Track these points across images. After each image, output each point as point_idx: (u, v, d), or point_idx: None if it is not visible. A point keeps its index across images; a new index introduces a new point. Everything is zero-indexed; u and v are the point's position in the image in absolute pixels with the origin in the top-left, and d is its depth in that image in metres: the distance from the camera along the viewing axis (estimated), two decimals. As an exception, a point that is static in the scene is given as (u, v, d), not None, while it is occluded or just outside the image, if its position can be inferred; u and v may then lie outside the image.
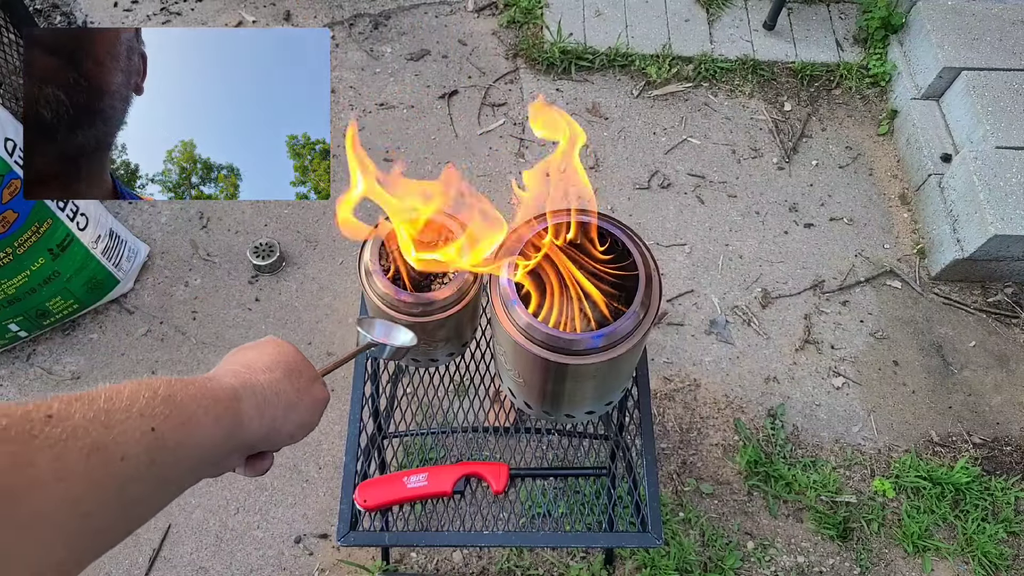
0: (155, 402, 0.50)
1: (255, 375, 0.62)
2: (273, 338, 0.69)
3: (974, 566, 1.85)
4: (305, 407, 0.66)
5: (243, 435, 0.58)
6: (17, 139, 1.66)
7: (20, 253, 1.75)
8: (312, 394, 0.67)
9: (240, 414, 0.57)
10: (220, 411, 0.55)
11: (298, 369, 0.66)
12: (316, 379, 0.69)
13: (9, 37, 1.95)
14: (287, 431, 0.64)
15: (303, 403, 0.65)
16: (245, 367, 0.63)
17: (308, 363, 0.69)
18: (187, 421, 0.51)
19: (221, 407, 0.55)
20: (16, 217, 1.69)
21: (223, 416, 0.55)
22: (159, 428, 0.49)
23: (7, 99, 1.94)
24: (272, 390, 0.62)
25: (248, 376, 0.61)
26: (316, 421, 0.68)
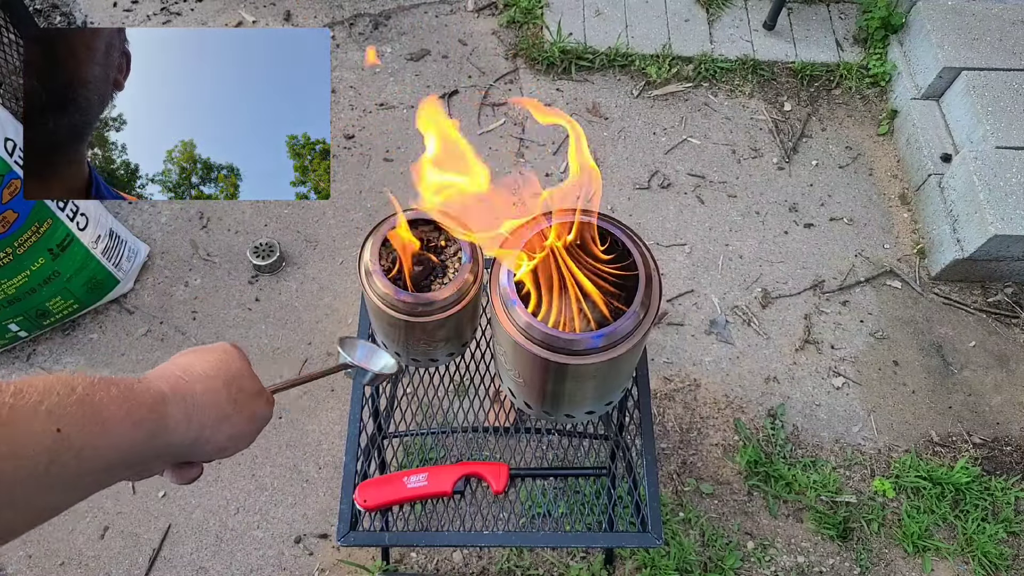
0: (68, 401, 0.48)
1: (190, 381, 0.60)
2: (225, 345, 0.67)
3: (974, 566, 1.85)
4: (240, 420, 0.63)
5: (166, 441, 0.56)
6: (17, 139, 1.66)
7: (20, 253, 1.75)
8: (250, 408, 0.65)
9: (164, 419, 0.55)
10: (142, 415, 0.53)
11: (240, 380, 0.64)
12: (259, 394, 0.67)
13: (9, 37, 1.95)
14: (217, 442, 0.62)
15: (238, 416, 0.63)
16: (182, 371, 0.61)
17: (253, 376, 0.67)
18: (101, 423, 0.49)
19: (143, 410, 0.54)
20: (16, 217, 1.69)
21: (144, 420, 0.53)
22: (66, 429, 0.47)
23: (7, 99, 1.94)
24: (205, 399, 0.60)
25: (182, 381, 0.59)
26: (251, 436, 0.66)
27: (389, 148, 2.46)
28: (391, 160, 2.43)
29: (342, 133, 2.47)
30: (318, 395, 2.01)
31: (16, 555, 1.79)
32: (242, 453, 1.93)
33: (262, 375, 0.69)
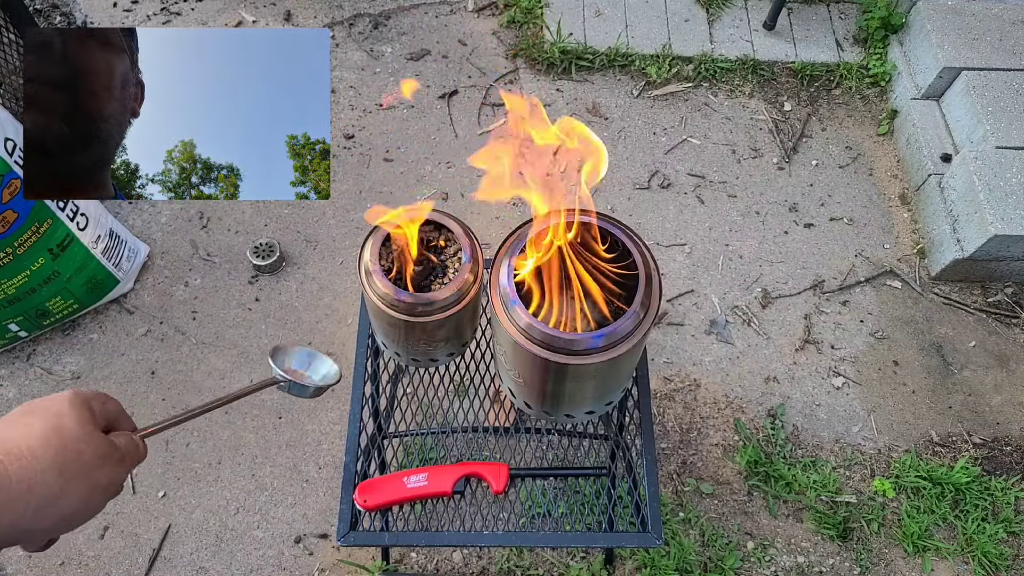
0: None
1: (7, 461, 0.52)
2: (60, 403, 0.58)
3: (974, 566, 1.85)
4: (75, 499, 0.56)
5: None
6: (17, 139, 1.66)
7: (20, 253, 1.75)
8: (88, 481, 0.57)
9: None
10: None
11: (75, 450, 0.56)
12: (101, 460, 0.58)
13: (9, 37, 1.95)
14: (42, 527, 0.55)
15: (70, 495, 0.55)
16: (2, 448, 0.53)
17: (94, 437, 0.58)
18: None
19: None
20: (16, 217, 1.69)
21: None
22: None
23: (7, 99, 1.94)
24: (24, 483, 0.52)
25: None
26: (94, 509, 0.58)
27: (389, 148, 2.46)
28: (391, 160, 2.43)
29: (342, 133, 2.47)
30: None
31: (16, 555, 1.79)
32: (242, 453, 1.93)
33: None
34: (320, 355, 0.78)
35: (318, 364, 0.77)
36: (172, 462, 1.92)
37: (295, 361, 0.76)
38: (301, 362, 0.76)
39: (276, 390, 0.73)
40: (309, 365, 0.77)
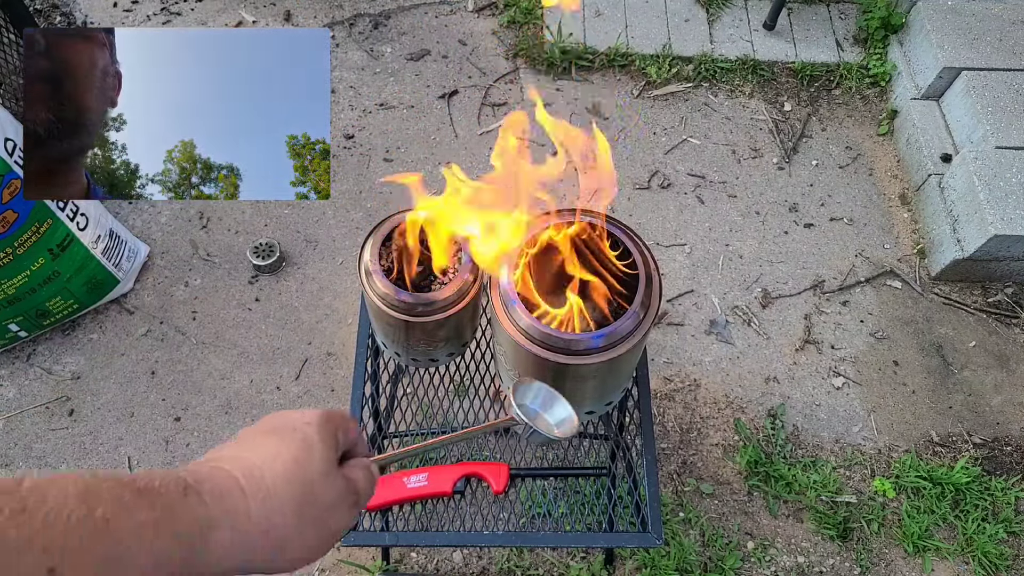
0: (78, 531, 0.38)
1: (250, 497, 0.48)
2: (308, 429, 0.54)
3: (974, 566, 1.85)
4: (303, 545, 0.51)
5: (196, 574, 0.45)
6: (17, 139, 1.66)
7: (20, 253, 1.75)
8: (323, 528, 0.53)
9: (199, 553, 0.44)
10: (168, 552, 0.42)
11: (315, 493, 0.52)
12: (336, 505, 0.54)
13: (9, 37, 1.95)
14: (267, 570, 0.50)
15: (302, 540, 0.51)
16: (247, 478, 0.49)
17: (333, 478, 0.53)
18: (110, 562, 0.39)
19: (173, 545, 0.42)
20: (16, 217, 1.69)
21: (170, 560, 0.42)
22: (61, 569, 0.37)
23: (7, 99, 1.94)
24: (262, 525, 0.48)
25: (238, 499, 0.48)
26: (317, 557, 0.53)
27: (389, 148, 2.46)
28: (391, 160, 2.43)
29: (342, 133, 2.47)
30: (318, 395, 2.01)
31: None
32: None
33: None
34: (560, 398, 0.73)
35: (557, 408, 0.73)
36: (172, 463, 1.92)
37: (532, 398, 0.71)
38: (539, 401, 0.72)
39: None
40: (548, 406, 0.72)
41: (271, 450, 0.52)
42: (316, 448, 0.53)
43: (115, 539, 0.39)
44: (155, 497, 0.43)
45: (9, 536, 0.36)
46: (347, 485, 0.55)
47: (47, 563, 0.37)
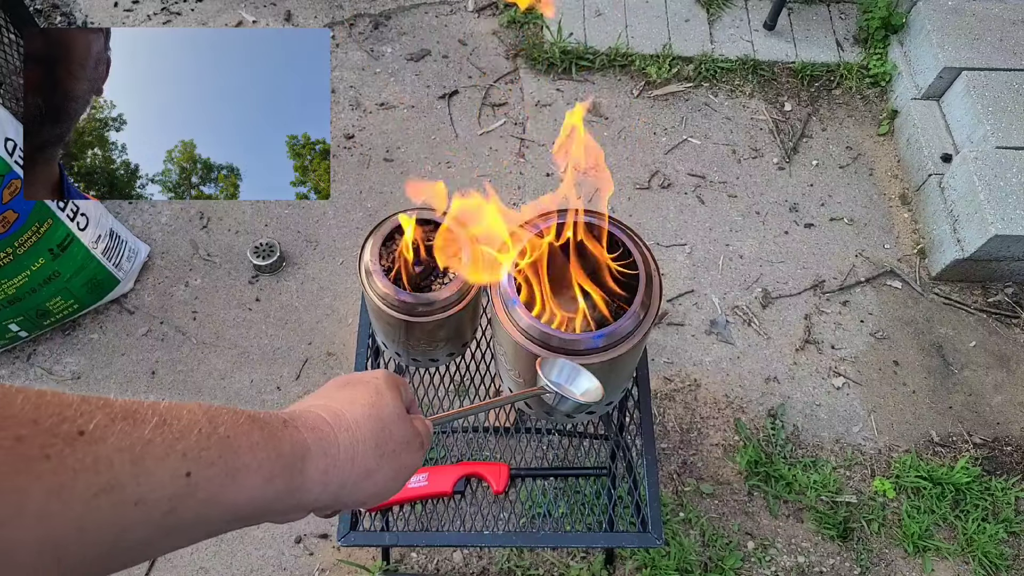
0: (207, 442, 0.43)
1: (336, 430, 0.54)
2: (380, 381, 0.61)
3: (974, 566, 1.85)
4: (384, 477, 0.57)
5: (296, 501, 0.51)
6: (17, 139, 1.66)
7: (20, 253, 1.75)
8: (397, 461, 0.59)
9: (300, 476, 0.50)
10: (276, 470, 0.48)
11: (390, 430, 0.58)
12: (410, 443, 0.60)
13: (9, 37, 1.96)
14: (355, 499, 0.57)
15: (382, 472, 0.57)
16: (331, 415, 0.55)
17: (404, 420, 0.60)
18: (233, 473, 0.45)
19: (279, 465, 0.48)
20: (16, 217, 1.69)
21: (277, 477, 0.48)
22: (196, 475, 0.42)
23: (7, 99, 1.94)
24: (349, 452, 0.54)
25: (328, 430, 0.54)
26: (396, 488, 0.60)
27: (389, 148, 2.46)
28: (391, 160, 2.43)
29: (342, 133, 2.47)
30: (318, 395, 2.01)
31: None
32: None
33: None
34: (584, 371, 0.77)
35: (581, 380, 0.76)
36: (172, 462, 1.92)
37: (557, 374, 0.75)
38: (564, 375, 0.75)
39: None
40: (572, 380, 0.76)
41: (348, 396, 0.59)
42: (386, 395, 0.60)
43: (235, 453, 0.45)
44: (263, 423, 0.49)
45: (155, 442, 0.41)
46: (413, 428, 0.61)
47: (186, 467, 0.42)
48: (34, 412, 0.36)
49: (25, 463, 0.35)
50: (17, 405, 0.36)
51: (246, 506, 0.46)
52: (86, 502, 0.37)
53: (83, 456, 0.37)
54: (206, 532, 0.46)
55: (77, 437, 0.37)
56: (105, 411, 0.39)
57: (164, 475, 0.41)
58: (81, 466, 0.37)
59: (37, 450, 0.36)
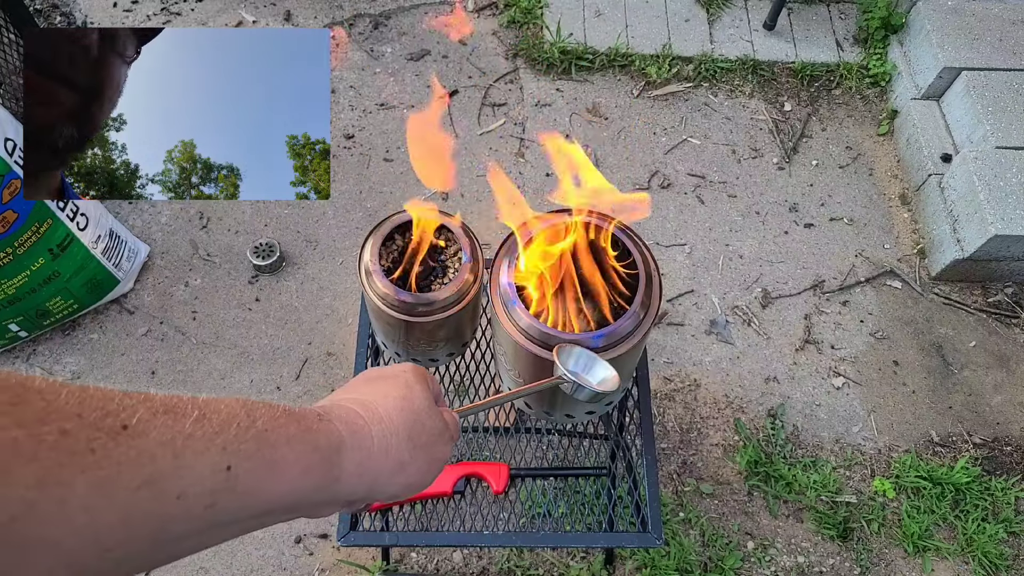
0: (246, 436, 0.44)
1: (370, 423, 0.55)
2: (406, 374, 0.62)
3: (974, 566, 1.85)
4: (417, 469, 0.58)
5: (333, 493, 0.52)
6: (17, 139, 1.65)
7: (20, 253, 1.75)
8: (429, 453, 0.59)
9: (336, 469, 0.51)
10: (314, 462, 0.49)
11: (422, 422, 0.59)
12: (440, 434, 0.61)
13: (9, 37, 1.95)
14: (389, 492, 0.57)
15: (415, 464, 0.58)
16: (364, 408, 0.56)
17: (435, 412, 0.61)
18: (272, 466, 0.45)
19: (317, 457, 0.49)
20: (16, 217, 1.69)
21: (315, 469, 0.49)
22: (236, 468, 0.43)
23: (7, 99, 1.94)
24: (383, 445, 0.55)
25: (361, 423, 0.54)
26: (429, 481, 0.61)
27: (389, 148, 2.46)
28: (391, 160, 2.43)
29: (342, 133, 2.47)
30: (319, 395, 2.01)
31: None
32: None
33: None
34: (600, 360, 0.77)
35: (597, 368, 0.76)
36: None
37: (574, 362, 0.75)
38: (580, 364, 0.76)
39: None
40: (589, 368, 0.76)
41: (379, 390, 0.59)
42: (416, 387, 0.61)
43: (272, 446, 0.46)
44: (299, 418, 0.49)
45: (196, 436, 0.41)
46: (443, 420, 0.62)
47: (226, 461, 0.42)
48: (78, 406, 0.37)
49: (70, 456, 0.35)
50: (62, 399, 0.36)
51: (284, 499, 0.47)
52: (130, 495, 0.37)
53: (127, 450, 0.37)
54: (244, 527, 0.46)
55: (120, 431, 0.38)
56: (147, 405, 0.40)
57: (205, 469, 0.41)
58: (125, 459, 0.37)
59: (83, 443, 0.36)
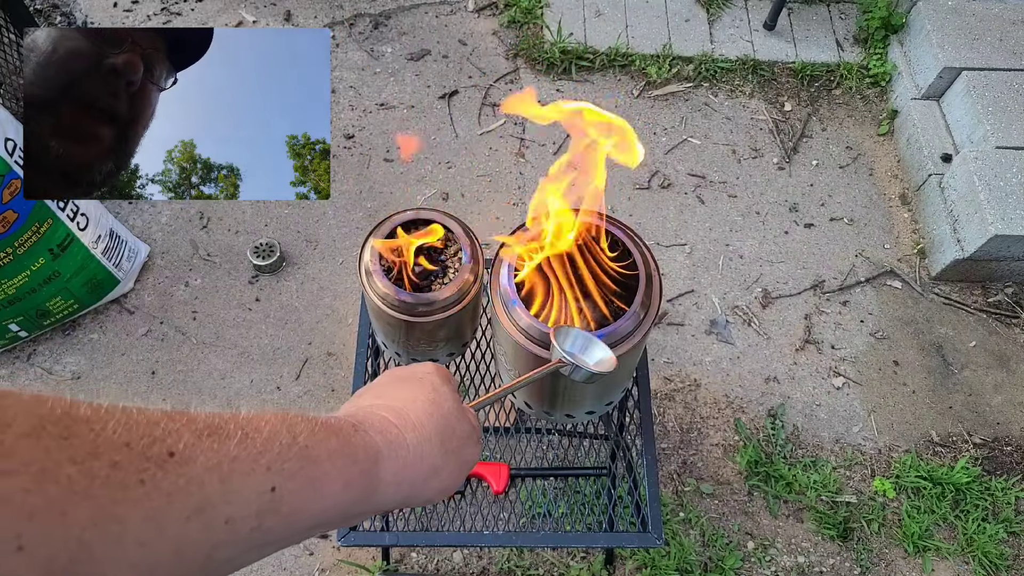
0: (289, 454, 0.43)
1: (403, 430, 0.54)
2: (432, 376, 0.61)
3: (974, 566, 1.85)
4: (449, 473, 0.57)
5: (372, 504, 0.51)
6: (17, 139, 1.65)
7: (20, 253, 1.75)
8: (460, 457, 0.59)
9: (375, 480, 0.50)
10: (354, 475, 0.48)
11: (452, 426, 0.58)
12: (470, 437, 0.60)
13: (9, 37, 1.96)
14: (424, 498, 0.57)
15: (447, 469, 0.57)
16: (396, 416, 0.55)
17: (463, 415, 0.60)
18: (314, 483, 0.45)
19: (356, 470, 0.48)
20: (16, 217, 1.69)
21: (355, 482, 0.48)
22: (280, 488, 0.42)
23: (7, 99, 1.94)
24: (417, 452, 0.54)
25: (396, 432, 0.54)
26: (459, 483, 0.60)
27: (389, 148, 2.46)
28: (391, 160, 2.43)
29: (342, 133, 2.47)
30: (319, 395, 2.01)
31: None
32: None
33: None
34: (597, 340, 0.77)
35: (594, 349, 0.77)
36: (172, 462, 1.92)
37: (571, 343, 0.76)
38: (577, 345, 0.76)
39: None
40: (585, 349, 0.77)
41: (408, 394, 0.58)
42: (443, 391, 0.60)
43: (314, 463, 0.45)
44: (337, 430, 0.48)
45: (240, 458, 0.40)
46: (470, 422, 0.61)
47: (270, 482, 0.41)
48: (127, 434, 0.36)
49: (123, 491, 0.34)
50: (110, 428, 0.35)
51: (326, 513, 0.46)
52: (180, 525, 0.37)
53: (176, 478, 0.37)
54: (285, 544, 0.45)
55: (168, 459, 0.37)
56: (191, 428, 0.39)
57: (251, 492, 0.40)
58: (174, 488, 0.36)
59: (133, 476, 0.35)
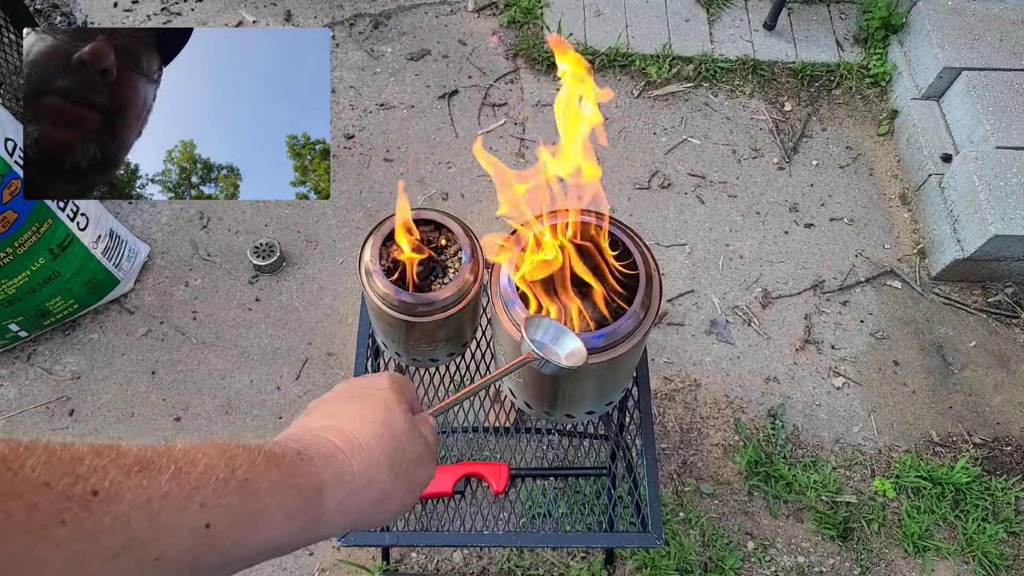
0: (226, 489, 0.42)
1: (350, 456, 0.53)
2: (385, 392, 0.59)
3: (974, 566, 1.85)
4: (400, 496, 0.56)
5: (318, 532, 0.50)
6: (17, 139, 1.65)
7: (20, 253, 1.75)
8: (412, 479, 0.57)
9: (319, 510, 0.49)
10: (297, 506, 0.47)
11: (403, 447, 0.56)
12: (421, 459, 0.58)
13: (9, 37, 1.96)
14: (375, 521, 0.55)
15: (398, 492, 0.56)
16: (344, 439, 0.54)
17: (415, 434, 0.58)
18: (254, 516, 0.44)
19: (300, 500, 0.47)
20: (16, 217, 1.69)
21: (298, 513, 0.47)
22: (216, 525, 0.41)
23: (7, 99, 1.94)
24: (364, 478, 0.53)
25: (342, 457, 0.52)
26: (412, 504, 0.59)
27: (389, 148, 2.46)
28: (391, 160, 2.43)
29: (342, 133, 2.47)
30: (318, 395, 2.01)
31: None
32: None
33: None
34: (569, 331, 0.76)
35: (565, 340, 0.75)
36: (172, 462, 1.92)
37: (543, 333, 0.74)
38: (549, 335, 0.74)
39: None
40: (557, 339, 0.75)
41: (357, 414, 0.56)
42: (395, 410, 0.58)
43: (255, 496, 0.44)
44: (279, 460, 0.47)
45: (172, 494, 0.39)
46: (424, 440, 0.59)
47: (205, 518, 0.40)
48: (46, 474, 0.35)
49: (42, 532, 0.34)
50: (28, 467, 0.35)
51: (267, 545, 0.45)
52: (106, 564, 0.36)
53: (100, 517, 0.36)
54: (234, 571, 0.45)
55: (91, 498, 0.36)
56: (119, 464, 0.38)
57: (184, 529, 0.39)
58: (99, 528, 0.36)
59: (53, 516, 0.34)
